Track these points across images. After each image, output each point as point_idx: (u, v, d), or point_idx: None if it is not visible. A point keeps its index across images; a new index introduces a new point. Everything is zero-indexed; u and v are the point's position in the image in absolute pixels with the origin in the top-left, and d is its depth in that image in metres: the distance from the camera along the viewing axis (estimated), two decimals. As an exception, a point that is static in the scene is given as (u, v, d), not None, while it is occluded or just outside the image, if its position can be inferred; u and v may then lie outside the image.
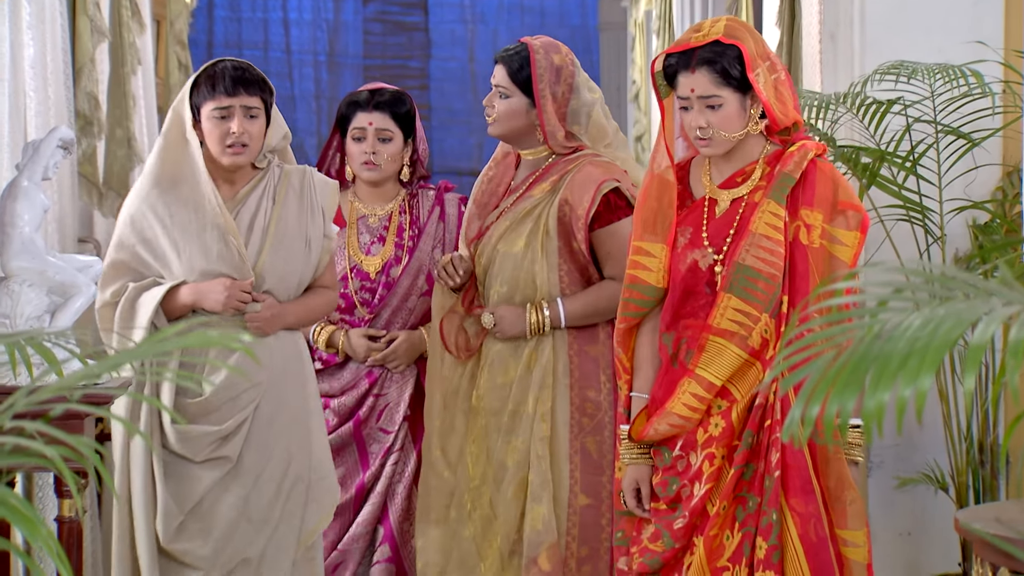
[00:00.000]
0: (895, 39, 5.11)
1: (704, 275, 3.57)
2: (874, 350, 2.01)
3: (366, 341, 4.52)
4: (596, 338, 4.21)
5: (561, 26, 15.78)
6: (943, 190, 4.99)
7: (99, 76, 5.70)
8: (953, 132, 4.94)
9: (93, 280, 3.73)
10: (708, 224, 3.59)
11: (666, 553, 3.56)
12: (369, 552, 4.55)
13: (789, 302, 3.49)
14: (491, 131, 4.27)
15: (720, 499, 3.50)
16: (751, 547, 3.47)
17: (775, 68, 3.55)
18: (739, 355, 3.50)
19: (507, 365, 4.18)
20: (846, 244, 3.49)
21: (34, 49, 4.85)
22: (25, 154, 3.70)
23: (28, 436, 1.90)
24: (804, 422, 2.04)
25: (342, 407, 4.56)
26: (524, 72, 4.21)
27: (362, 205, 4.66)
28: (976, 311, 2.02)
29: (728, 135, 3.53)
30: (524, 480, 4.12)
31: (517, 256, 4.17)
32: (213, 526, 4.10)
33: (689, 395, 3.53)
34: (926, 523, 5.20)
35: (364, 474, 4.54)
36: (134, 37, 6.39)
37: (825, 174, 3.53)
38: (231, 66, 4.13)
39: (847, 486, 3.49)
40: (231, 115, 4.07)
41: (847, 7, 5.20)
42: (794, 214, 3.52)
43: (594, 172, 4.17)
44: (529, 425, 4.12)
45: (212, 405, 4.06)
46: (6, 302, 3.61)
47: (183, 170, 4.08)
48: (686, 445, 3.57)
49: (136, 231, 4.07)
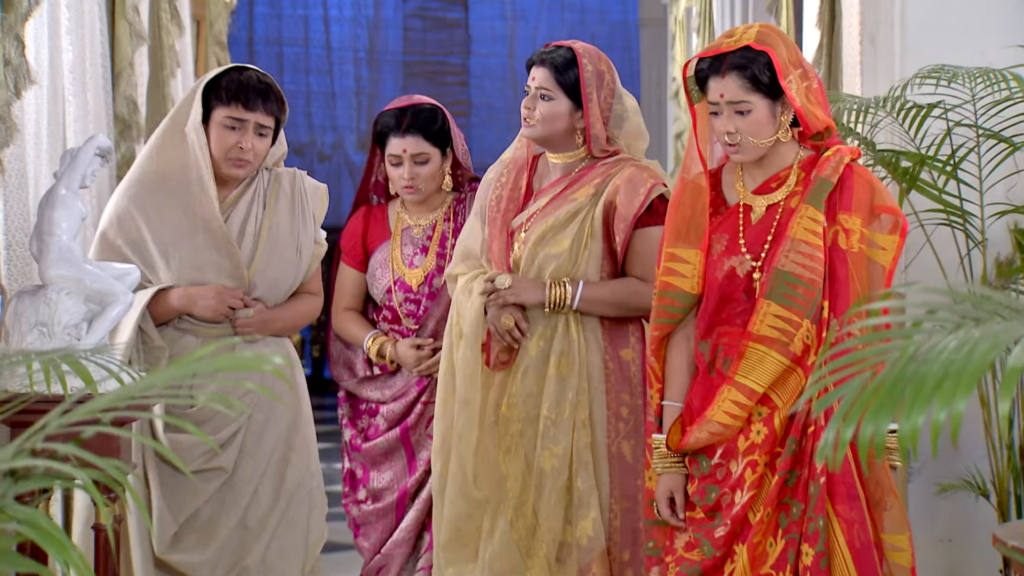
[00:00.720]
0: (936, 42, 5.06)
1: (742, 282, 3.56)
2: (909, 372, 2.00)
3: (414, 351, 4.53)
4: (628, 341, 4.20)
5: (602, 22, 15.76)
6: (984, 194, 4.94)
7: (138, 80, 5.71)
8: (994, 136, 4.89)
9: (131, 288, 3.75)
10: (745, 231, 3.58)
11: (705, 562, 3.55)
12: (413, 558, 4.55)
13: (830, 307, 3.48)
14: (529, 133, 4.24)
15: (764, 506, 3.49)
16: (795, 554, 3.46)
17: (807, 76, 3.53)
18: (781, 362, 3.49)
19: (540, 372, 4.15)
20: (885, 248, 3.48)
21: (73, 54, 4.87)
22: (63, 163, 3.72)
23: (60, 458, 1.91)
24: (839, 444, 2.03)
25: (391, 413, 4.57)
26: (570, 75, 4.19)
27: (408, 216, 4.66)
28: (1013, 333, 2.01)
29: (756, 141, 3.52)
30: (565, 487, 4.10)
31: (561, 257, 4.14)
32: (211, 537, 4.08)
33: (730, 403, 3.52)
34: (967, 530, 5.16)
35: (410, 479, 4.55)
36: (173, 40, 6.41)
37: (862, 178, 3.52)
38: (256, 79, 4.09)
39: (887, 490, 3.48)
40: (243, 128, 4.05)
41: (887, 9, 5.16)
42: (832, 219, 3.50)
43: (642, 175, 4.18)
44: (569, 432, 4.10)
45: (204, 415, 4.05)
46: (44, 310, 3.63)
47: (176, 169, 4.07)
48: (726, 453, 3.56)
49: (123, 231, 4.06)
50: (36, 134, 4.37)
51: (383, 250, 4.59)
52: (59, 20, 4.75)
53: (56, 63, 4.61)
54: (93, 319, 3.67)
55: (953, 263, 4.96)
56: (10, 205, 4.16)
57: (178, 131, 4.08)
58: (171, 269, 4.06)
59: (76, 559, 1.78)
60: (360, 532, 4.56)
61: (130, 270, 3.79)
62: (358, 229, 4.66)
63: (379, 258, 4.60)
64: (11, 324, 3.65)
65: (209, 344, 4.05)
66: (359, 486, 4.58)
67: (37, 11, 4.13)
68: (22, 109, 4.17)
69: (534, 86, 4.23)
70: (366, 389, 4.57)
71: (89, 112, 5.00)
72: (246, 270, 4.08)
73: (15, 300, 3.68)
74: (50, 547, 1.77)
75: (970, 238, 4.94)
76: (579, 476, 4.09)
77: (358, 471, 4.58)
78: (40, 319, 3.63)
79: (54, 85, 4.57)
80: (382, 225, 4.64)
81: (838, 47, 5.83)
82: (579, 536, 4.08)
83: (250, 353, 3.03)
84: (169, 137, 4.09)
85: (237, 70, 4.12)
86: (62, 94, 4.71)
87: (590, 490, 4.08)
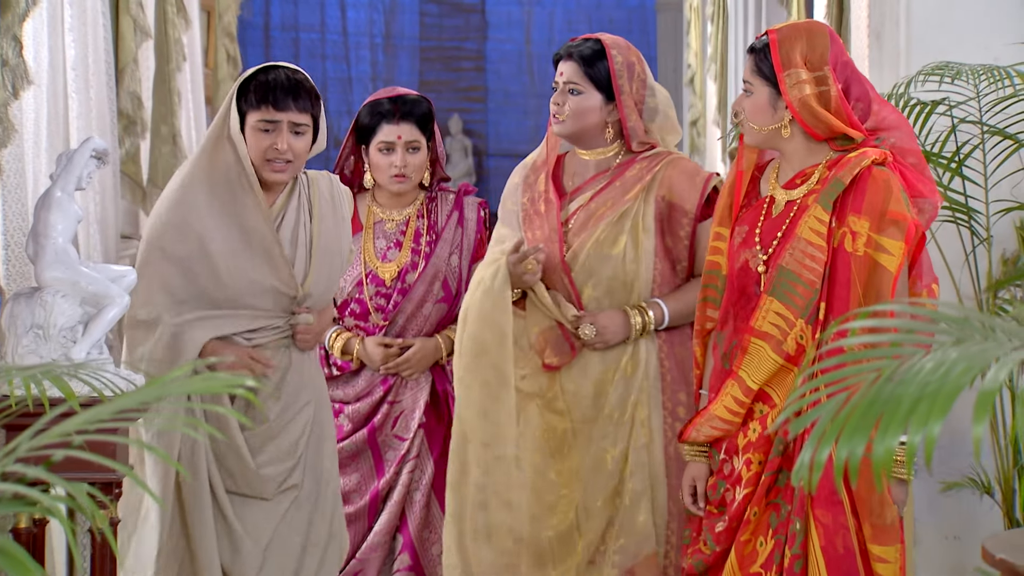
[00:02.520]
0: (941, 38, 5.04)
1: (754, 276, 3.58)
2: (885, 393, 1.99)
3: (381, 349, 4.47)
4: (684, 337, 4.10)
5: (619, 7, 15.73)
6: (989, 191, 4.93)
7: (143, 75, 5.72)
8: (999, 133, 4.87)
9: (127, 290, 3.74)
10: (763, 223, 3.60)
11: (709, 557, 3.57)
12: (389, 561, 4.52)
13: (827, 309, 3.47)
14: (560, 130, 4.12)
15: (752, 505, 3.50)
16: (782, 555, 3.47)
17: (824, 81, 3.51)
18: (774, 359, 3.49)
19: (595, 370, 4.06)
20: (892, 254, 3.45)
21: (76, 51, 4.87)
22: (59, 165, 3.71)
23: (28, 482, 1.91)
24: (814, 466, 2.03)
25: (356, 414, 4.53)
26: (600, 68, 4.08)
27: (380, 210, 4.59)
28: (988, 356, 2.00)
29: (754, 125, 3.57)
30: (615, 489, 4.01)
31: (617, 258, 4.05)
32: (285, 561, 3.99)
33: (730, 398, 3.55)
34: (973, 527, 5.15)
35: (379, 481, 4.51)
36: (179, 33, 6.40)
37: (878, 182, 3.48)
38: (284, 76, 3.92)
39: (885, 503, 3.46)
40: (277, 130, 3.89)
41: (892, 6, 5.14)
42: (841, 220, 3.49)
43: (692, 167, 4.12)
44: (627, 433, 4.01)
45: (274, 430, 3.97)
46: (40, 312, 3.62)
47: (220, 180, 3.96)
48: (729, 449, 3.60)
49: (169, 244, 3.95)
50: (35, 134, 4.37)
51: (354, 242, 4.48)
52: (61, 18, 4.75)
53: (56, 62, 4.61)
54: (89, 321, 3.67)
55: (959, 260, 4.96)
56: (8, 206, 4.16)
57: (220, 140, 3.94)
58: (226, 282, 3.93)
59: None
60: None
61: (126, 272, 3.78)
62: None
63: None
64: (7, 327, 3.65)
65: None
66: None
67: (36, 11, 4.13)
68: (20, 109, 4.17)
69: (562, 81, 4.11)
70: (329, 389, 4.51)
71: (92, 109, 5.00)
72: (300, 282, 3.99)
73: (11, 302, 3.68)
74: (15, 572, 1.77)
75: (975, 235, 4.93)
76: (634, 477, 3.99)
77: None
78: (36, 322, 3.62)
79: (54, 83, 4.57)
80: (353, 218, 4.55)
81: (846, 42, 5.80)
82: (624, 539, 3.98)
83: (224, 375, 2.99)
84: (213, 147, 3.95)
85: (264, 71, 3.97)
86: (63, 92, 4.71)
87: (644, 491, 3.99)
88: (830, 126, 3.53)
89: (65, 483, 1.83)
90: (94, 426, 1.95)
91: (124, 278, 3.78)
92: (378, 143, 4.52)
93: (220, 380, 1.93)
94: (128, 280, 3.78)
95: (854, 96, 3.56)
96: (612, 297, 4.07)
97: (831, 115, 3.52)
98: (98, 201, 5.02)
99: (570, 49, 4.12)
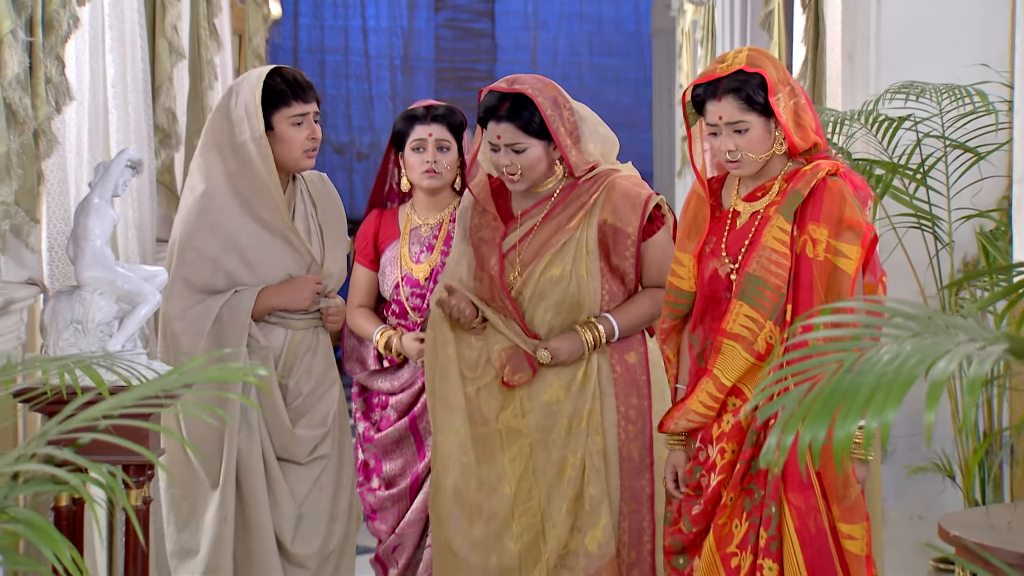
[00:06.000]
0: (908, 60, 5.06)
1: (723, 282, 3.56)
2: (845, 383, 1.98)
3: (417, 344, 4.45)
4: (632, 345, 4.02)
5: (617, 32, 15.68)
6: (951, 200, 4.93)
7: (177, 92, 5.71)
8: (960, 147, 4.88)
9: (158, 288, 3.75)
10: (729, 235, 3.57)
11: (687, 536, 3.57)
12: (424, 536, 4.54)
13: (793, 310, 3.47)
14: (519, 187, 3.94)
15: (728, 490, 3.50)
16: (756, 536, 3.46)
17: (795, 93, 3.51)
18: (746, 358, 3.49)
19: (550, 382, 3.97)
20: (849, 258, 3.45)
21: (115, 70, 4.86)
22: (96, 174, 3.73)
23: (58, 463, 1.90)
24: (780, 449, 2.02)
25: (399, 404, 4.53)
26: (534, 120, 3.88)
27: (416, 216, 4.56)
28: (939, 348, 1.98)
29: (755, 156, 3.51)
30: (576, 496, 3.92)
31: (564, 283, 3.93)
32: (317, 526, 4.04)
33: (705, 394, 3.54)
34: (937, 507, 5.15)
35: (420, 464, 4.52)
36: (211, 55, 6.40)
37: (833, 193, 3.48)
38: (292, 75, 3.98)
39: (849, 483, 3.46)
40: (307, 121, 3.97)
41: (864, 29, 5.14)
42: (802, 228, 3.48)
43: (632, 189, 3.97)
44: (583, 440, 3.92)
45: (308, 404, 4.05)
46: (79, 309, 3.65)
47: (242, 181, 3.99)
48: (704, 439, 3.59)
49: (203, 244, 3.98)
50: (77, 146, 4.38)
51: (393, 248, 4.53)
52: (102, 39, 4.75)
53: (97, 79, 4.62)
54: (124, 317, 3.68)
55: (923, 263, 4.96)
56: (52, 211, 4.17)
57: (235, 145, 3.95)
58: (256, 277, 4.00)
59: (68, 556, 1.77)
60: (377, 516, 4.53)
61: (158, 272, 3.79)
62: (370, 231, 4.62)
63: (389, 256, 4.55)
64: (49, 322, 3.67)
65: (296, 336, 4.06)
66: (372, 475, 4.56)
67: (77, 32, 4.13)
68: (63, 123, 4.17)
69: (503, 144, 3.88)
70: (376, 381, 4.55)
71: (130, 123, 5.00)
72: (320, 267, 4.07)
73: (53, 299, 3.70)
74: (44, 545, 1.76)
75: (938, 240, 4.94)
76: (592, 483, 3.91)
77: (371, 461, 4.56)
78: (75, 317, 3.65)
79: (95, 99, 4.57)
80: (392, 226, 4.58)
81: (822, 62, 5.80)
82: (588, 543, 3.91)
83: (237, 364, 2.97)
84: (230, 153, 3.95)
85: (270, 75, 3.98)
86: (104, 107, 4.71)
87: (601, 496, 3.91)
88: (808, 134, 3.51)
89: (91, 463, 1.82)
90: (118, 411, 1.94)
91: (156, 277, 3.79)
92: (411, 143, 4.48)
93: (234, 368, 1.92)
94: (160, 279, 3.79)
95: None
96: (564, 318, 3.97)
97: (808, 126, 3.52)
98: (136, 208, 5.02)
99: (499, 115, 3.89)
